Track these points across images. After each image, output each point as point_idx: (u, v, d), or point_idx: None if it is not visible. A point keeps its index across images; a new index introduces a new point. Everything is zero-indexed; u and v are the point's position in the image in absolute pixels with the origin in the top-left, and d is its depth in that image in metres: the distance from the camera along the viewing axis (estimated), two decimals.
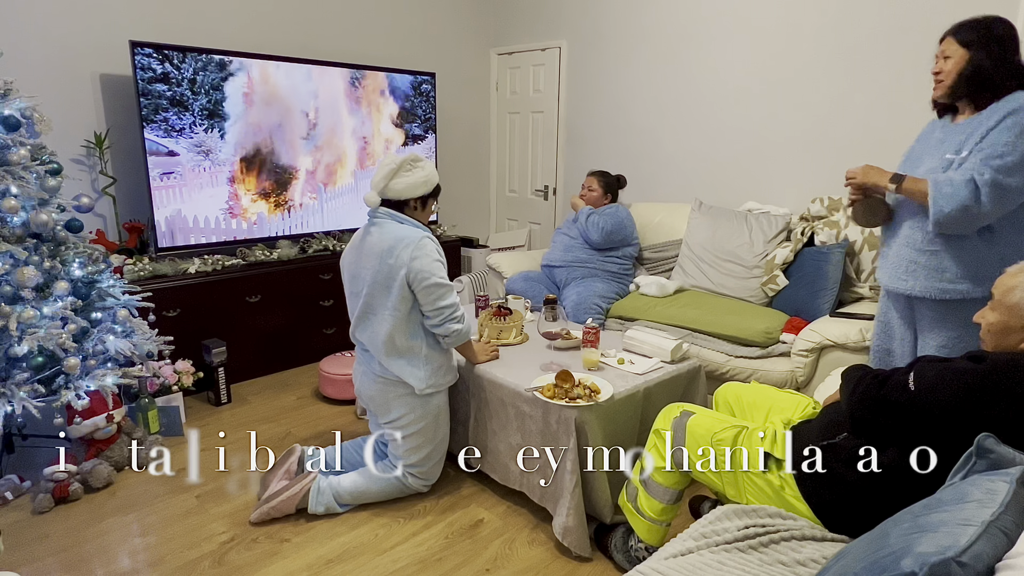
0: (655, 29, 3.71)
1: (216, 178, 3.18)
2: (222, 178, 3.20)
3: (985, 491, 1.00)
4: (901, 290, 1.84)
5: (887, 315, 1.99)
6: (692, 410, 1.70)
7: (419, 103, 4.00)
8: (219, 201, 3.21)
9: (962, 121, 1.78)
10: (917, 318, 1.87)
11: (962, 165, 1.69)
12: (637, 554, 1.83)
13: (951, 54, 1.75)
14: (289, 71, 3.34)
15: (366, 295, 2.07)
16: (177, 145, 3.01)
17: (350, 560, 1.93)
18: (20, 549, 1.95)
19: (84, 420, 2.28)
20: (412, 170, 2.09)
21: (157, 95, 2.90)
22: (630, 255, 3.35)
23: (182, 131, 3.01)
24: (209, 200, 3.17)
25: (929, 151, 1.84)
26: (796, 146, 3.20)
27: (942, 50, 1.79)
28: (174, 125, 2.98)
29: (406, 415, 2.12)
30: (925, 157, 1.84)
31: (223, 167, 3.19)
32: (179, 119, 3.00)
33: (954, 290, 1.73)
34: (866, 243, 2.71)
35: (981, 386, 1.19)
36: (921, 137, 1.93)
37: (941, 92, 1.80)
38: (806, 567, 1.24)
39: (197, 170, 3.10)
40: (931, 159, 1.81)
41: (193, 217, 3.12)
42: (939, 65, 1.79)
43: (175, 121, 2.98)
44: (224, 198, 3.23)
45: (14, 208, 2.01)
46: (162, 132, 2.94)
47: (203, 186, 3.13)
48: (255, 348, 3.29)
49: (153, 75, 2.88)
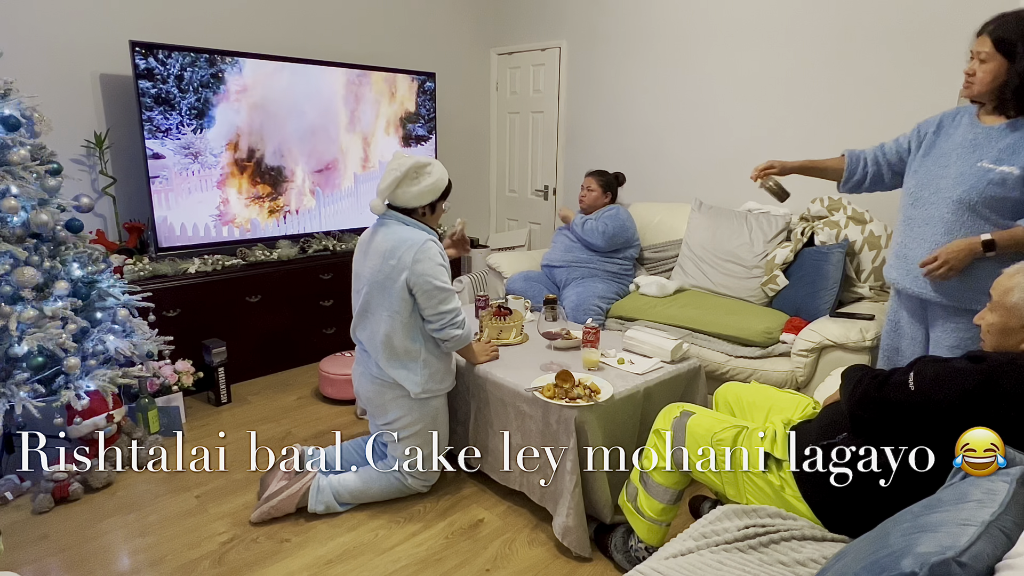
0: (655, 29, 3.71)
1: (205, 182, 3.12)
2: (211, 182, 3.14)
3: (985, 491, 1.00)
4: (919, 294, 1.81)
5: (897, 314, 1.96)
6: (692, 410, 1.70)
7: (422, 103, 4.00)
8: (209, 207, 3.15)
9: (997, 125, 1.69)
10: (930, 318, 1.84)
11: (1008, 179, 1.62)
12: (637, 554, 1.83)
13: (987, 58, 1.64)
14: (289, 71, 3.34)
15: (365, 294, 2.07)
16: (163, 147, 2.96)
17: (350, 560, 1.93)
18: (20, 549, 1.95)
19: (84, 420, 2.28)
20: (418, 178, 2.02)
21: (152, 95, 2.89)
22: (631, 255, 3.35)
23: (168, 132, 2.96)
24: (198, 205, 3.11)
25: (958, 152, 1.74)
26: (796, 146, 3.20)
27: (977, 50, 1.67)
28: (159, 125, 2.93)
29: (403, 417, 2.12)
30: (953, 158, 1.75)
31: (213, 170, 3.14)
32: (165, 119, 2.94)
33: (978, 299, 1.66)
34: (866, 243, 2.71)
35: (981, 386, 1.19)
36: (944, 128, 1.82)
37: (969, 94, 1.72)
38: (806, 567, 1.24)
39: (184, 173, 3.04)
40: (961, 162, 1.72)
41: (180, 224, 3.07)
42: (972, 66, 1.68)
43: (160, 121, 2.92)
44: (215, 203, 3.18)
45: (14, 208, 2.01)
46: (157, 134, 2.93)
47: (191, 190, 3.08)
48: (255, 348, 3.29)
49: (150, 73, 2.87)
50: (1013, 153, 1.64)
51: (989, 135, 1.70)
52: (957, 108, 1.86)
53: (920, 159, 1.86)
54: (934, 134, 1.85)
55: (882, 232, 2.70)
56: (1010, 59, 1.61)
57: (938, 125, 1.86)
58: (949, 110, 1.88)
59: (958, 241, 1.68)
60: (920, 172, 1.84)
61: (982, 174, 1.67)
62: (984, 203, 1.67)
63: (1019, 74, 1.61)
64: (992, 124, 1.71)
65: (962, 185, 1.70)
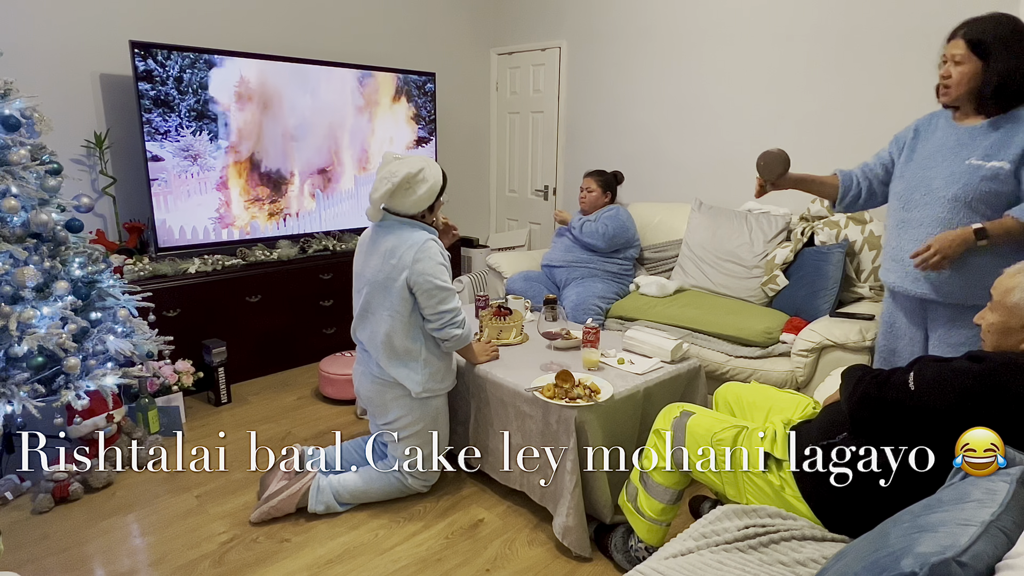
0: (655, 29, 3.71)
1: (204, 184, 3.11)
2: (211, 184, 3.14)
3: (985, 491, 1.00)
4: (915, 293, 1.81)
5: (892, 316, 1.95)
6: (692, 410, 1.70)
7: (423, 104, 4.00)
8: (208, 210, 3.15)
9: (978, 124, 1.71)
10: (930, 318, 1.84)
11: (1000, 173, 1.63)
12: (637, 554, 1.83)
13: (962, 60, 1.66)
14: (288, 71, 3.34)
15: (366, 293, 2.07)
16: (162, 149, 2.95)
17: (350, 560, 1.93)
18: (20, 549, 1.95)
19: (84, 420, 2.28)
20: (412, 188, 2.00)
21: (151, 97, 2.89)
22: (631, 256, 3.35)
23: (167, 134, 2.96)
24: (197, 208, 3.11)
25: (943, 153, 1.76)
26: (796, 146, 3.19)
27: (951, 53, 1.68)
28: (158, 128, 2.92)
29: (403, 417, 2.12)
30: (939, 159, 1.76)
31: (212, 172, 3.14)
32: (164, 121, 2.94)
33: (979, 296, 1.65)
34: (866, 243, 2.72)
35: (981, 386, 1.19)
36: (922, 133, 1.85)
37: (947, 100, 1.73)
38: (806, 567, 1.24)
39: (184, 176, 3.04)
40: (949, 162, 1.73)
41: (179, 228, 3.07)
42: (947, 68, 1.70)
43: (159, 123, 2.92)
44: (214, 206, 3.18)
45: (14, 208, 2.01)
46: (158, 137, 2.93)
47: (190, 193, 3.08)
48: (255, 348, 3.29)
49: (149, 75, 2.87)
50: (1001, 148, 1.66)
51: (972, 134, 1.72)
52: (930, 114, 1.89)
53: (904, 164, 1.88)
54: (913, 139, 1.88)
55: (882, 232, 2.70)
56: (985, 60, 1.64)
57: (915, 131, 1.89)
58: (922, 117, 1.90)
59: (950, 231, 1.69)
60: (907, 176, 1.85)
61: (973, 171, 1.69)
62: (979, 199, 1.68)
63: (997, 73, 1.63)
64: (972, 124, 1.74)
65: (955, 184, 1.71)
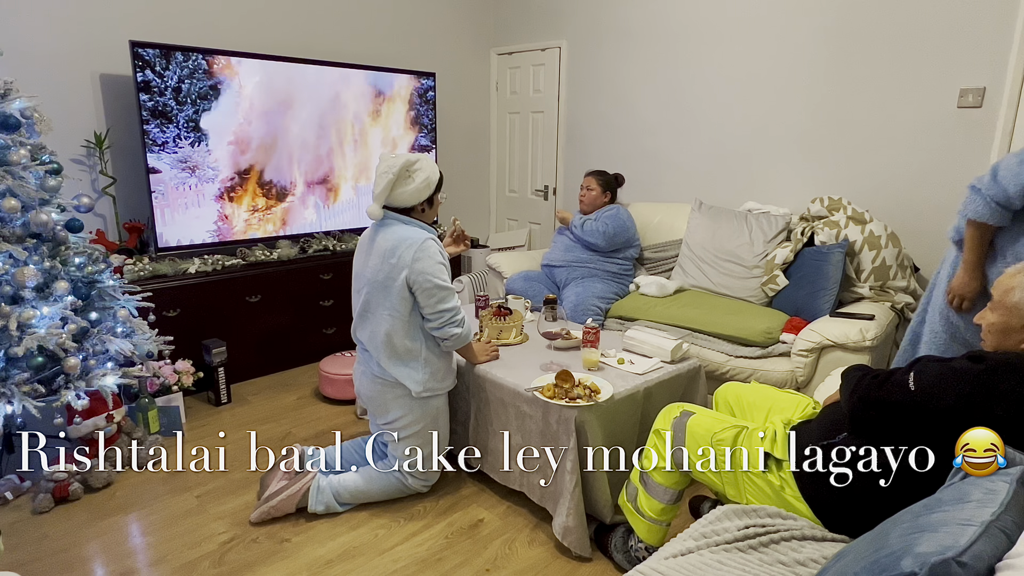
0: (655, 29, 3.71)
1: (202, 196, 3.10)
2: (209, 195, 3.13)
3: (985, 491, 1.00)
4: None
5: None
6: (692, 410, 1.70)
7: (421, 103, 4.00)
8: (206, 222, 3.14)
9: None
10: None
11: None
12: (637, 554, 1.83)
13: None
14: (288, 71, 3.34)
15: (366, 293, 2.07)
16: (160, 161, 2.94)
17: (350, 560, 1.93)
18: (20, 549, 1.95)
19: (84, 420, 2.28)
20: (411, 176, 2.03)
21: (149, 96, 2.89)
22: (631, 255, 3.35)
23: (165, 145, 2.94)
24: (195, 221, 3.10)
25: None
26: (796, 146, 3.20)
27: None
28: (155, 138, 2.90)
29: (403, 416, 2.12)
30: None
31: (211, 184, 3.12)
32: (162, 132, 2.92)
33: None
34: (866, 243, 2.71)
35: (981, 386, 1.19)
36: None
37: None
38: (806, 567, 1.24)
39: (181, 188, 3.03)
40: None
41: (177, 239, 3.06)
42: None
43: (156, 134, 2.90)
44: (212, 218, 3.16)
45: (14, 208, 2.01)
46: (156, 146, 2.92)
47: (188, 205, 3.06)
48: (255, 348, 3.29)
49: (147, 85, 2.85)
50: None
51: None
52: None
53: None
54: None
55: (882, 232, 2.70)
56: None
57: None
58: None
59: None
60: None
61: None
62: None
63: None
64: None
65: None
